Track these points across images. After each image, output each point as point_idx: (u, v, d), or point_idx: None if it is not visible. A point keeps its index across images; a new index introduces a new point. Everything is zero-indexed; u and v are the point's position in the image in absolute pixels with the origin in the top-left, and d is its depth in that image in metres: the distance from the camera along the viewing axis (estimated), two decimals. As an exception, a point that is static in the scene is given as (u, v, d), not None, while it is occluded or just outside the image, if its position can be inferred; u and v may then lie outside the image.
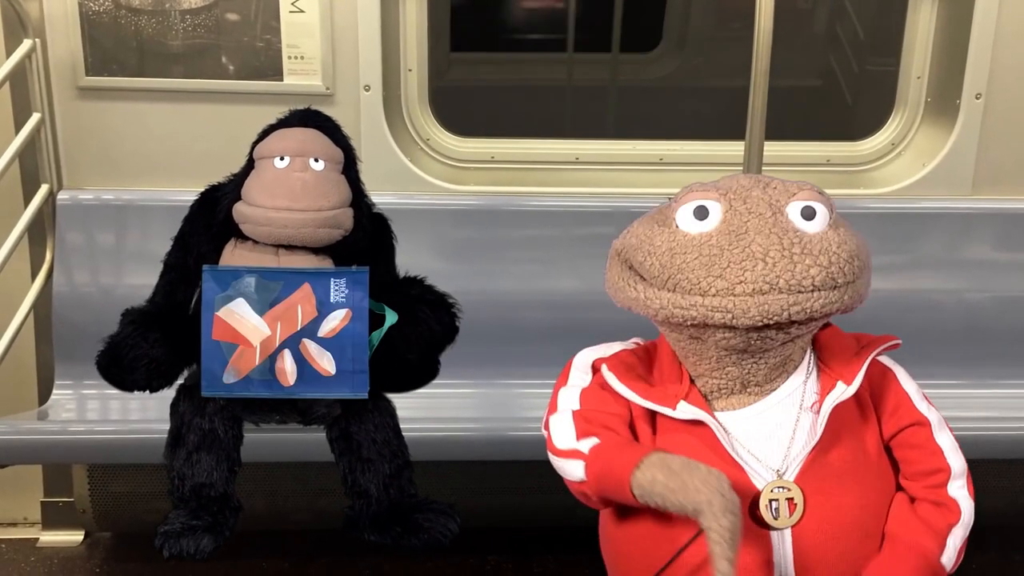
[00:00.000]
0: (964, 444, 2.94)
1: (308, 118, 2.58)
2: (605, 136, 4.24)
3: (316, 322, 2.43)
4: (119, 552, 3.58)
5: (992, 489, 3.40)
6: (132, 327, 2.52)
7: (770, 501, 1.77)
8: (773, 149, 3.11)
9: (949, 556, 1.82)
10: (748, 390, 1.83)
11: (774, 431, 1.81)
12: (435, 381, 2.69)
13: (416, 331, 2.50)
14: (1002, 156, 3.64)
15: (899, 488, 1.88)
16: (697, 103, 4.56)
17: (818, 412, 1.80)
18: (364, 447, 2.49)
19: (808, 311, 1.67)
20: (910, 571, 1.79)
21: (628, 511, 1.85)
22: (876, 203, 3.69)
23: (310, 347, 2.43)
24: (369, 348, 2.44)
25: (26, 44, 3.29)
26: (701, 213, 1.76)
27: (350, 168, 2.57)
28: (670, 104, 4.72)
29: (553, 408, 1.92)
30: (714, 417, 1.80)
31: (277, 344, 2.42)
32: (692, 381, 1.85)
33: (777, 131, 3.15)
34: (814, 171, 3.79)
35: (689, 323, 1.72)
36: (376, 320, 2.47)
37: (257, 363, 2.42)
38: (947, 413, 3.37)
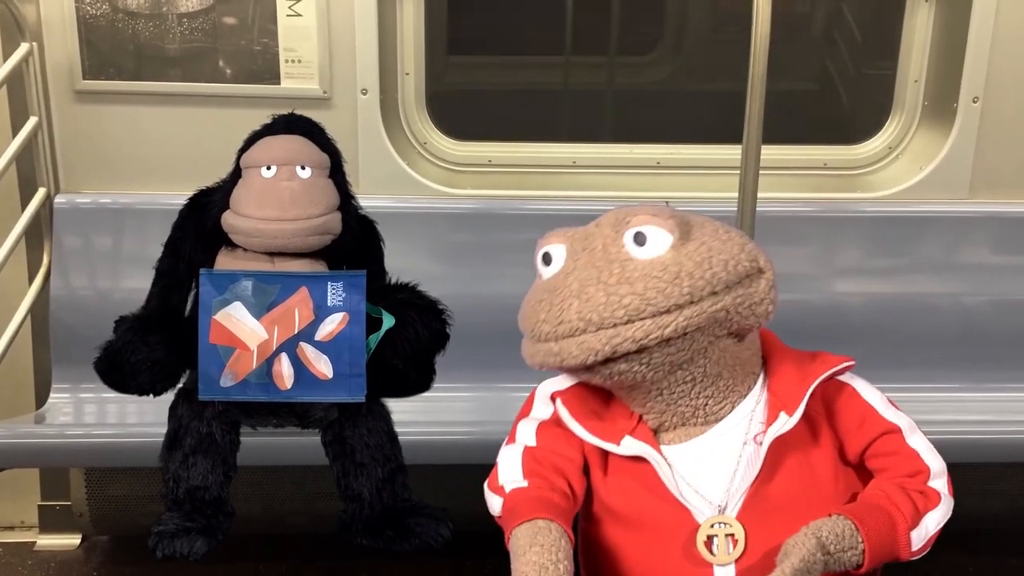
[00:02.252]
0: (961, 447, 2.95)
1: (293, 124, 2.57)
2: (602, 140, 4.24)
3: (313, 326, 2.42)
4: (116, 556, 3.58)
5: (989, 493, 3.41)
6: (131, 333, 2.51)
7: (709, 537, 1.74)
8: (770, 153, 3.11)
9: (920, 535, 1.76)
10: (689, 423, 1.79)
11: (719, 463, 1.77)
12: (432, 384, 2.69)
13: (402, 334, 2.49)
14: (999, 160, 3.64)
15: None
16: (694, 106, 4.55)
17: (761, 443, 1.76)
18: (357, 451, 2.49)
19: (633, 340, 1.62)
20: (877, 522, 1.72)
21: (595, 527, 1.85)
22: (873, 207, 3.70)
23: (307, 351, 2.43)
24: (366, 352, 2.44)
25: (23, 47, 3.29)
26: (546, 259, 1.77)
27: (337, 172, 2.56)
28: (667, 107, 4.71)
29: (512, 439, 1.94)
30: (659, 451, 1.77)
31: (274, 348, 2.42)
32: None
33: (774, 135, 3.15)
34: (811, 175, 3.80)
35: (543, 368, 1.73)
36: (373, 324, 2.47)
37: (254, 367, 2.42)
38: (944, 416, 3.39)
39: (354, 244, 2.56)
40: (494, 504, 1.87)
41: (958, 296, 3.67)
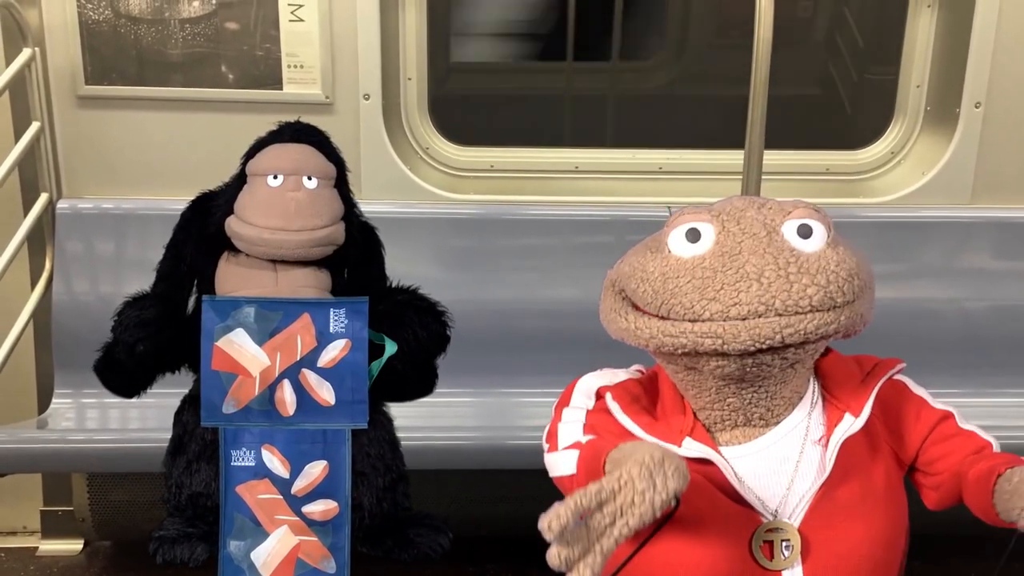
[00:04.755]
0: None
1: (300, 132, 2.56)
2: (604, 145, 4.24)
3: (315, 352, 2.41)
4: (118, 561, 3.58)
5: (991, 497, 3.40)
6: (124, 305, 2.52)
7: (764, 542, 1.72)
8: (773, 158, 3.11)
9: None
10: (752, 423, 1.77)
11: (779, 467, 1.76)
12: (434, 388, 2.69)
13: (400, 336, 2.48)
14: (1001, 165, 3.64)
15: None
16: (696, 112, 4.55)
17: (825, 446, 1.75)
18: (358, 460, 2.48)
19: (803, 333, 1.61)
20: (1006, 460, 1.71)
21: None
22: (875, 212, 3.70)
23: (309, 377, 2.42)
24: (369, 378, 2.44)
25: (26, 53, 3.29)
26: (693, 236, 1.70)
27: (341, 182, 2.56)
28: (670, 113, 4.72)
29: (557, 420, 1.88)
30: (720, 454, 1.75)
31: (276, 374, 2.41)
32: (695, 414, 1.80)
33: (777, 140, 3.15)
34: (813, 180, 3.79)
35: (680, 351, 1.67)
36: (375, 350, 2.47)
37: (256, 393, 2.41)
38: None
39: (356, 253, 2.56)
40: (567, 461, 1.78)
41: (960, 301, 3.67)
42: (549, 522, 1.43)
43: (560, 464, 1.81)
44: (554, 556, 1.45)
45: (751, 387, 1.73)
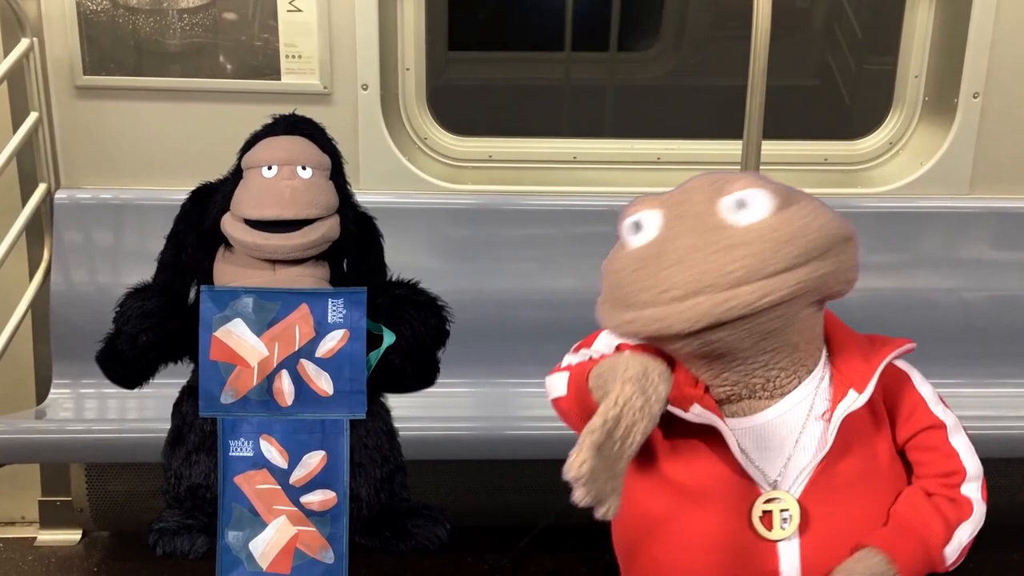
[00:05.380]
0: (961, 443, 2.92)
1: (294, 125, 2.57)
2: (603, 135, 4.24)
3: (314, 342, 2.41)
4: (117, 551, 3.58)
5: (990, 488, 3.39)
6: (126, 296, 2.52)
7: (765, 512, 1.74)
8: (771, 148, 3.11)
9: (953, 549, 1.79)
10: (756, 395, 1.78)
11: (783, 439, 1.77)
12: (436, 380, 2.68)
13: (398, 331, 2.47)
14: (1000, 155, 3.64)
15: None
16: (695, 102, 4.55)
17: (829, 420, 1.75)
18: (356, 451, 2.48)
19: (745, 305, 1.59)
20: (910, 550, 1.75)
21: (647, 498, 1.82)
22: (874, 202, 3.70)
23: (308, 367, 2.42)
24: (367, 368, 2.44)
25: (24, 43, 3.29)
26: (636, 227, 1.72)
27: (337, 173, 2.56)
28: (668, 103, 4.72)
29: (570, 353, 1.93)
30: (724, 422, 1.76)
31: (275, 364, 2.41)
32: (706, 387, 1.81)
33: (775, 130, 3.15)
34: (812, 170, 3.79)
35: (638, 337, 1.70)
36: (373, 340, 2.47)
37: (255, 383, 2.41)
38: (944, 412, 3.36)
39: (352, 245, 2.56)
40: (560, 382, 1.83)
41: (958, 291, 3.67)
42: (577, 467, 1.50)
43: (554, 386, 1.86)
44: (582, 495, 1.51)
45: (735, 361, 1.73)
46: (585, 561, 3.35)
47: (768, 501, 1.75)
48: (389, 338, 2.46)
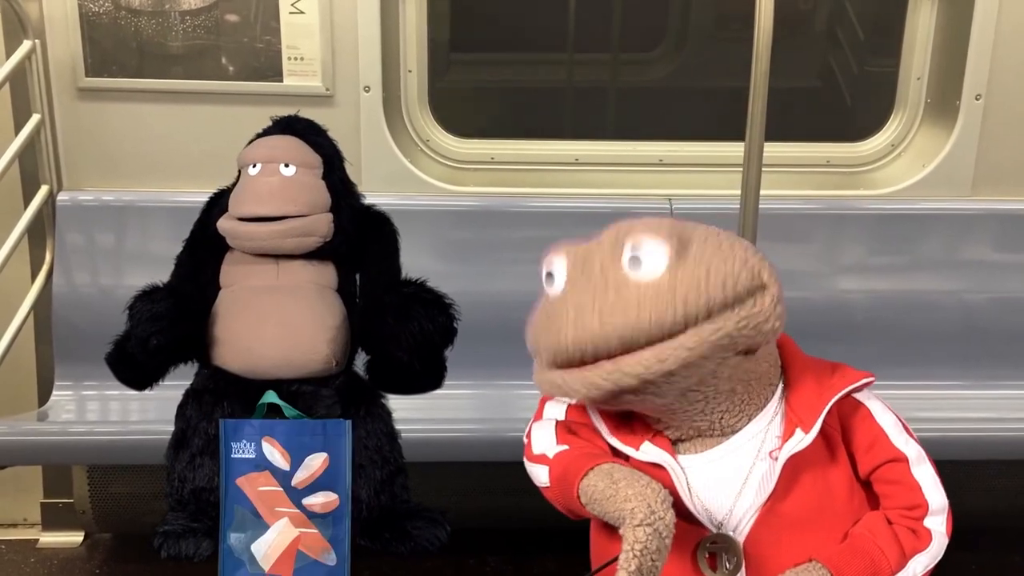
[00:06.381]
0: (962, 445, 2.94)
1: (288, 126, 2.59)
2: (605, 137, 4.23)
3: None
4: (119, 553, 3.58)
5: (990, 490, 3.41)
6: (135, 298, 2.52)
7: (709, 554, 1.73)
8: (773, 150, 3.11)
9: None
10: (706, 434, 1.75)
11: (731, 478, 1.74)
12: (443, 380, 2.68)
13: (407, 328, 2.47)
14: (1002, 157, 3.64)
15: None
16: (697, 104, 4.55)
17: (777, 459, 1.73)
18: (356, 453, 2.48)
19: (633, 376, 1.54)
20: (856, 570, 1.71)
21: (609, 532, 1.81)
22: (876, 204, 3.70)
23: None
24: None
25: (26, 45, 3.29)
26: (549, 278, 1.70)
27: (331, 173, 2.56)
28: (670, 105, 4.71)
29: (539, 416, 1.92)
30: (676, 461, 1.74)
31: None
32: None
33: (777, 132, 3.15)
34: (814, 172, 3.80)
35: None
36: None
37: None
38: (945, 413, 3.38)
39: (347, 246, 2.56)
40: (539, 474, 1.84)
41: (960, 293, 3.67)
42: None
43: (536, 475, 1.86)
44: None
45: (669, 411, 1.71)
46: (586, 563, 3.34)
47: (714, 543, 1.73)
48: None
